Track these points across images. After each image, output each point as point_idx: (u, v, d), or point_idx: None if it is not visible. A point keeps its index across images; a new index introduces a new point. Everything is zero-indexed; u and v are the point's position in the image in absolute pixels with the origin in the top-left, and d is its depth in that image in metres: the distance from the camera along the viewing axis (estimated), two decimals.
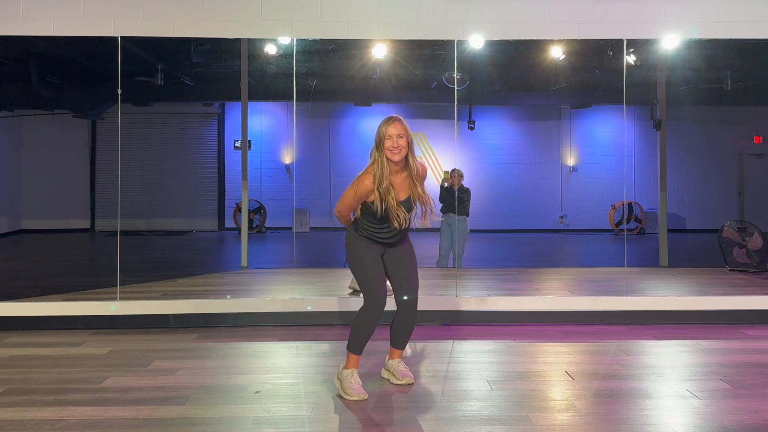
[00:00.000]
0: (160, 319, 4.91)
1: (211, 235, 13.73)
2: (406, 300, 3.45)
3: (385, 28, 5.22)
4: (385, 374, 3.62)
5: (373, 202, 3.28)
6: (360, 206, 3.35)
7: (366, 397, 3.29)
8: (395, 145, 3.25)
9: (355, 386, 3.32)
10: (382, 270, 3.42)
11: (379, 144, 3.29)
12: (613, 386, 3.50)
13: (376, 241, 3.39)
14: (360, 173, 3.32)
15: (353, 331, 3.38)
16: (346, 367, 3.39)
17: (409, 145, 3.31)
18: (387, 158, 3.27)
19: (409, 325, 3.50)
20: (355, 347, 3.37)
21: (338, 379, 3.41)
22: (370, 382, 3.54)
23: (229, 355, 4.13)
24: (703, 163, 14.32)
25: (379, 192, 3.25)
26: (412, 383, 3.50)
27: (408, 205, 3.34)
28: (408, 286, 3.46)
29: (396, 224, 3.31)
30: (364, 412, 3.12)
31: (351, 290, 5.54)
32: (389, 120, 3.32)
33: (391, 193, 3.27)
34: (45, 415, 3.06)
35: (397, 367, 3.55)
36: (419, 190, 3.36)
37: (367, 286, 3.35)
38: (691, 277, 6.63)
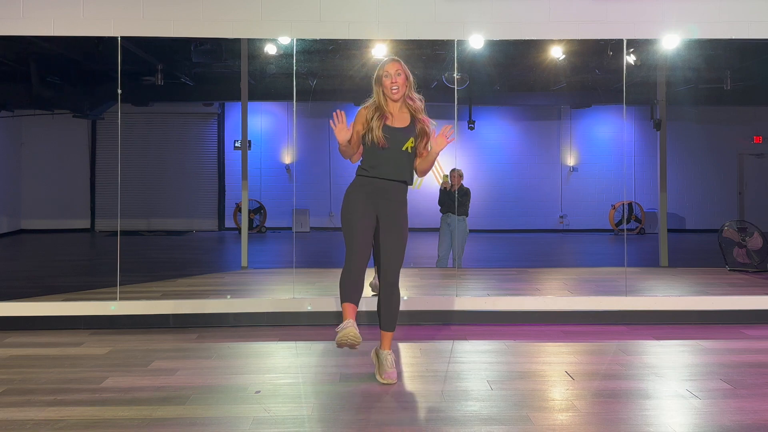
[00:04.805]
0: (160, 319, 4.91)
1: (211, 235, 13.74)
2: (385, 279, 3.49)
3: (385, 28, 5.23)
4: (373, 359, 3.62)
5: (366, 135, 3.44)
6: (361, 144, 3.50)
7: (360, 340, 3.23)
8: (393, 81, 3.45)
9: (348, 327, 3.21)
10: (368, 234, 3.46)
11: (377, 80, 3.48)
12: (613, 386, 3.50)
13: (371, 187, 3.45)
14: None
15: (340, 286, 3.43)
16: (343, 318, 3.35)
17: (409, 85, 3.50)
18: (385, 95, 3.46)
19: (390, 304, 3.50)
20: (343, 296, 3.38)
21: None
22: (371, 381, 3.54)
23: (229, 355, 4.13)
24: (703, 163, 14.33)
25: (373, 117, 3.43)
26: (394, 383, 3.48)
27: (407, 133, 3.45)
28: (389, 268, 3.48)
29: (381, 143, 3.41)
30: (364, 412, 3.12)
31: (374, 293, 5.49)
32: (388, 59, 3.51)
33: (381, 120, 3.43)
34: (45, 415, 3.06)
35: (385, 360, 3.51)
36: (419, 126, 3.48)
37: (348, 247, 3.43)
38: (691, 277, 6.63)
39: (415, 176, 3.61)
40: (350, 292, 3.39)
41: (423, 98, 3.61)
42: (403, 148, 3.46)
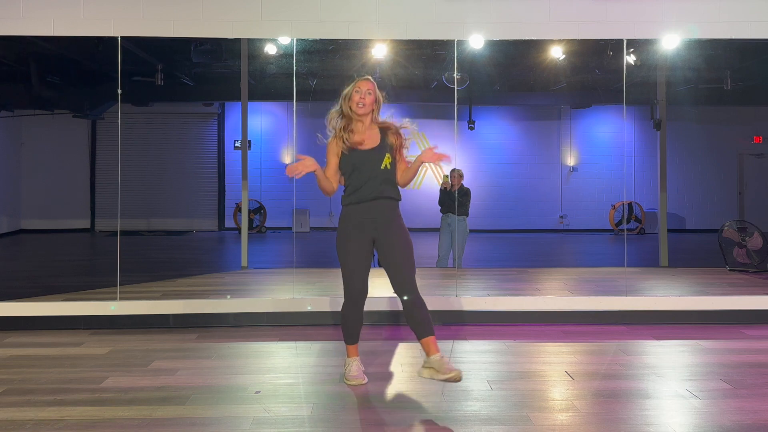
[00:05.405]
0: (160, 319, 4.91)
1: (211, 235, 13.74)
2: (404, 294, 3.37)
3: (385, 28, 5.22)
4: (425, 374, 3.26)
5: (342, 159, 3.44)
6: (341, 175, 3.50)
7: (364, 381, 3.50)
8: (362, 98, 3.42)
9: (354, 372, 3.52)
10: (364, 265, 3.43)
11: (346, 96, 3.45)
12: (613, 386, 3.50)
13: (360, 215, 3.39)
14: None
15: (341, 324, 3.55)
16: (347, 355, 3.61)
17: (377, 107, 3.49)
18: (352, 110, 3.42)
19: (417, 315, 3.32)
20: (345, 338, 3.57)
21: (345, 364, 3.63)
22: (371, 381, 3.54)
23: (229, 355, 4.13)
24: (703, 163, 14.32)
25: (343, 136, 3.43)
26: (458, 378, 3.15)
27: (381, 151, 3.41)
28: (403, 282, 3.35)
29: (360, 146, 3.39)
30: (364, 412, 3.12)
31: None
32: (361, 77, 3.50)
33: (352, 136, 3.43)
34: (45, 415, 3.06)
35: (440, 360, 3.20)
36: (391, 139, 3.45)
37: (344, 280, 3.46)
38: (691, 277, 6.63)
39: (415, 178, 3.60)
40: (352, 331, 3.52)
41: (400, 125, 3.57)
42: (382, 167, 3.39)
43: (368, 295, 3.51)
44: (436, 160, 3.34)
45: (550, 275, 7.02)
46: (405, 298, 3.36)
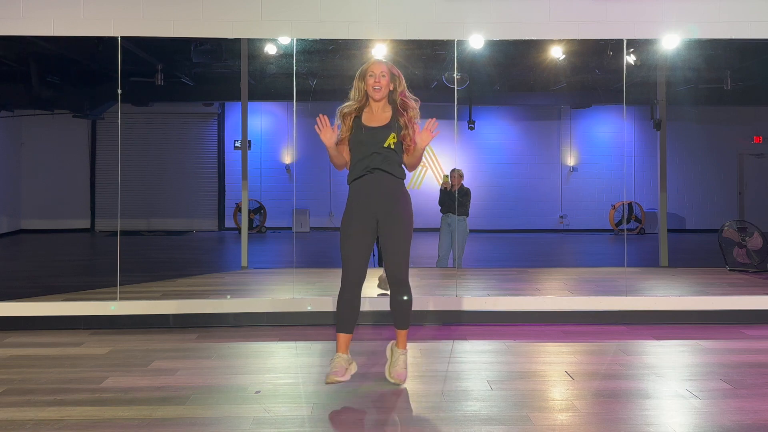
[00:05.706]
0: (160, 319, 4.91)
1: (211, 235, 13.74)
2: (393, 277, 3.45)
3: (385, 28, 5.22)
4: (387, 354, 3.60)
5: (351, 134, 3.46)
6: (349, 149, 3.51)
7: (342, 379, 3.29)
8: (376, 81, 3.44)
9: (333, 369, 3.30)
10: (362, 251, 3.41)
11: (362, 76, 3.49)
12: (613, 386, 3.50)
13: (364, 191, 3.40)
14: None
15: (336, 309, 3.45)
16: (336, 349, 3.44)
17: (397, 83, 3.49)
18: (367, 93, 3.47)
19: (401, 302, 3.46)
20: (337, 325, 3.41)
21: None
22: (371, 381, 3.54)
23: (229, 355, 4.13)
24: (703, 163, 14.32)
25: (353, 110, 3.47)
26: (399, 386, 3.46)
27: (387, 130, 3.43)
28: (394, 263, 3.42)
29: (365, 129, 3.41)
30: (364, 412, 3.12)
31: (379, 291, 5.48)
32: (374, 59, 3.53)
33: (363, 115, 3.47)
34: (45, 415, 3.06)
35: (398, 360, 3.50)
36: (401, 122, 3.45)
37: (342, 260, 3.43)
38: (691, 277, 6.63)
39: (414, 173, 3.61)
40: (345, 318, 3.40)
41: (418, 99, 3.58)
42: (385, 145, 3.41)
43: (369, 296, 3.52)
44: (431, 136, 3.42)
45: (550, 275, 7.02)
46: (397, 291, 3.46)
